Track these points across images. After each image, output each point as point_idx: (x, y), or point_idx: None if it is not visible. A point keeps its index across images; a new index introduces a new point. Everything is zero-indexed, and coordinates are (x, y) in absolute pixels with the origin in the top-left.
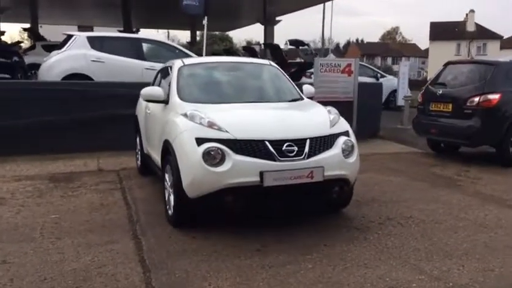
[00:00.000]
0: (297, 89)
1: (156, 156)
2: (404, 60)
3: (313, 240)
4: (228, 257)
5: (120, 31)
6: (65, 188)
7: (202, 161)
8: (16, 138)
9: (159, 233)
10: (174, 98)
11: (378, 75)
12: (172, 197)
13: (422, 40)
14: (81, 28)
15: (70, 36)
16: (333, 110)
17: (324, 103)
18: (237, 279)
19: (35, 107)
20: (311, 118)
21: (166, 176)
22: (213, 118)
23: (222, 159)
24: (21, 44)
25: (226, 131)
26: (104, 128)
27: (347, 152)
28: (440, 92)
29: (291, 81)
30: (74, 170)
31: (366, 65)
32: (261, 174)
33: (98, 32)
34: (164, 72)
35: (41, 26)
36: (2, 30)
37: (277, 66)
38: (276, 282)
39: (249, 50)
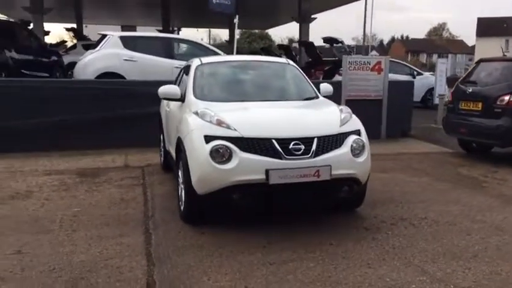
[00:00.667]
0: (314, 88)
1: (173, 153)
2: (447, 57)
3: (320, 239)
4: (232, 253)
5: (159, 31)
6: (90, 183)
7: (210, 158)
8: (50, 134)
9: (170, 228)
10: (189, 96)
11: (415, 72)
12: (183, 193)
13: (470, 36)
14: (124, 28)
15: (104, 36)
16: (346, 109)
17: (354, 101)
18: (236, 275)
19: (70, 105)
20: (321, 117)
21: (179, 172)
22: (222, 116)
23: (229, 157)
24: (66, 44)
25: (235, 129)
26: (133, 125)
27: (358, 151)
28: (470, 90)
29: (308, 80)
30: (102, 165)
31: (402, 62)
32: (267, 172)
33: (131, 32)
34: (186, 71)
35: (86, 26)
36: (46, 30)
37: (295, 65)
38: (274, 279)
39: (284, 48)
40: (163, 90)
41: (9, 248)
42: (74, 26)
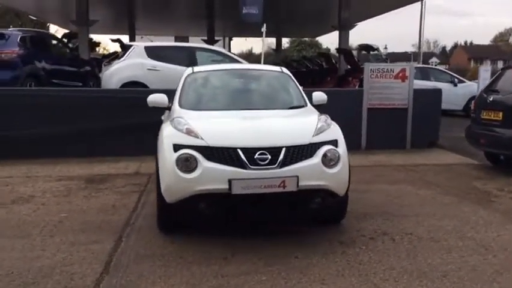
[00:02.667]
0: (304, 97)
1: None
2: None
3: (287, 252)
4: (190, 263)
5: (204, 40)
6: (92, 189)
7: (175, 166)
8: (73, 141)
9: (143, 236)
10: (175, 104)
11: (456, 80)
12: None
13: None
14: (177, 38)
15: (130, 46)
16: (324, 118)
17: (377, 110)
18: (182, 286)
19: (94, 113)
20: (294, 126)
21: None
22: (192, 125)
23: (195, 166)
24: (118, 54)
25: (202, 138)
26: (152, 133)
27: (332, 162)
28: (491, 98)
29: (300, 89)
30: (114, 172)
31: (443, 69)
32: (230, 182)
33: (155, 42)
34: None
35: (141, 37)
36: (97, 41)
37: (289, 73)
38: None
39: (324, 55)
40: (151, 98)
41: None
42: (121, 37)
